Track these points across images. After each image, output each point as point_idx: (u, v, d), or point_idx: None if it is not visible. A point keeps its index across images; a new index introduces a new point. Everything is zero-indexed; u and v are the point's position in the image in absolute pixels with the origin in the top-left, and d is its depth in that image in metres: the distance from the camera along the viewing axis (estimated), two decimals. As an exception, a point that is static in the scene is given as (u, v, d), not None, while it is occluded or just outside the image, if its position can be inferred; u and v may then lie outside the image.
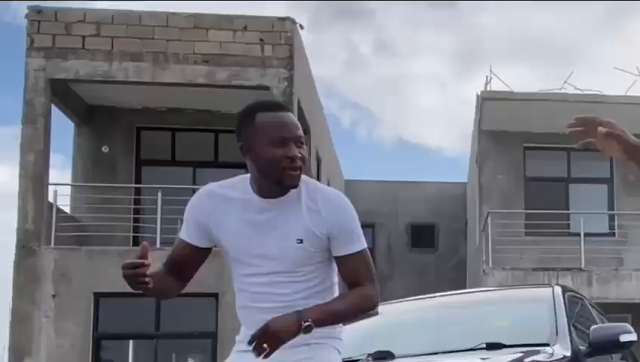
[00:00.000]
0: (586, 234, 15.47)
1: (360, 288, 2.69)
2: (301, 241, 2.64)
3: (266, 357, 2.48)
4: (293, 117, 2.62)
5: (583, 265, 15.38)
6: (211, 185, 2.71)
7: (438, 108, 51.53)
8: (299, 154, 2.56)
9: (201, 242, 2.71)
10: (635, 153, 2.50)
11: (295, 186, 2.59)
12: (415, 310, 5.33)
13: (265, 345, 2.47)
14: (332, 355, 2.72)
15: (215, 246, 2.75)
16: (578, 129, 2.49)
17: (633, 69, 17.39)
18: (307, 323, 2.50)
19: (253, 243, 2.64)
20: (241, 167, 18.30)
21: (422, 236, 24.11)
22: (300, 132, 2.59)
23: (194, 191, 14.50)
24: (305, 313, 2.53)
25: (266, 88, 13.60)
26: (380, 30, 55.35)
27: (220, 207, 2.66)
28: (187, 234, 2.71)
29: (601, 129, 2.43)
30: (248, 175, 2.67)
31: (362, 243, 2.70)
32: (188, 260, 2.74)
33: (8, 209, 27.98)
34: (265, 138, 2.54)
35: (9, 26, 41.61)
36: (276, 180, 2.56)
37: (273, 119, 2.57)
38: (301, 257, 2.66)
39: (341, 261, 2.69)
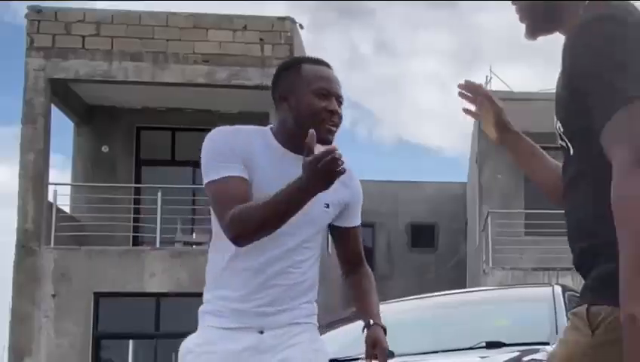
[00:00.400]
0: (586, 234, 15.46)
1: (368, 272, 2.78)
2: (327, 206, 2.58)
3: None
4: (336, 75, 2.59)
5: (582, 265, 15.37)
6: (226, 127, 2.55)
7: (438, 108, 51.54)
8: (339, 110, 2.53)
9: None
10: (507, 137, 2.36)
11: (329, 142, 2.49)
12: (415, 309, 5.34)
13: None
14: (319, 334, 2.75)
15: None
16: (467, 94, 2.35)
17: (633, 68, 17.40)
18: None
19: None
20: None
21: (422, 236, 24.13)
22: (341, 90, 2.56)
23: (194, 191, 14.45)
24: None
25: (266, 88, 13.54)
26: (380, 30, 55.42)
27: (248, 147, 2.50)
28: (238, 170, 2.44)
29: (484, 91, 2.30)
30: (262, 127, 2.58)
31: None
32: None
33: (8, 209, 27.99)
34: (309, 87, 2.50)
35: (9, 25, 41.65)
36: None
37: (320, 72, 2.54)
38: (323, 223, 2.62)
39: (351, 232, 2.70)
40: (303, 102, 2.49)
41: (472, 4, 49.60)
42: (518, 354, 4.10)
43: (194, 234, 14.36)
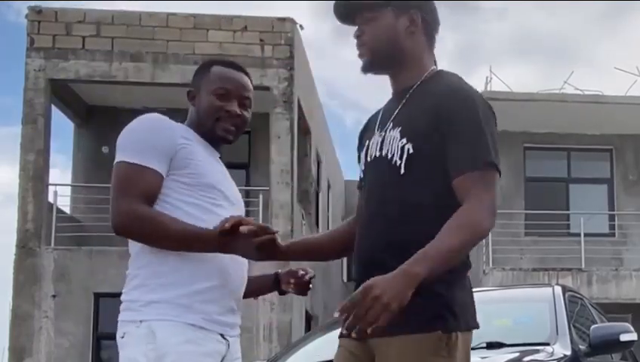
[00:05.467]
0: (586, 235, 15.46)
1: None
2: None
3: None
4: (246, 79, 2.62)
5: (583, 266, 15.37)
6: (165, 118, 2.57)
7: (438, 108, 51.37)
8: (238, 112, 2.55)
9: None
10: (286, 255, 2.52)
11: (226, 140, 2.56)
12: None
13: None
14: None
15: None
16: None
17: (633, 68, 17.41)
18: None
19: (222, 179, 2.55)
20: (242, 167, 18.36)
21: (422, 236, 24.08)
22: (248, 93, 2.59)
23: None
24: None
25: (266, 88, 13.59)
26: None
27: (185, 133, 2.53)
28: (161, 165, 2.42)
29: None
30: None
31: None
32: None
33: (8, 209, 27.96)
34: (211, 86, 2.55)
35: (11, 25, 41.61)
36: (209, 129, 2.54)
37: (226, 74, 2.59)
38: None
39: None
40: (203, 101, 2.56)
41: (471, 4, 49.57)
42: (518, 354, 4.10)
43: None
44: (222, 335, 2.44)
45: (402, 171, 2.20)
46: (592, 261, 15.65)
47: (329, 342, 5.37)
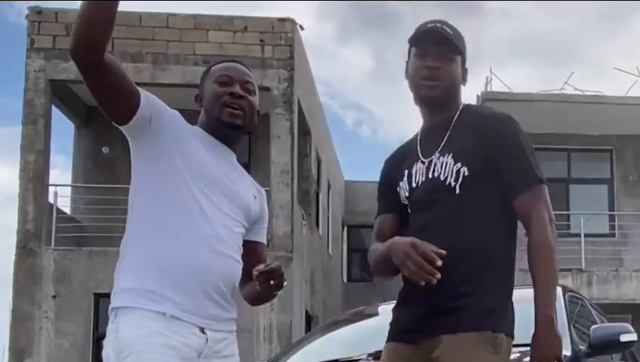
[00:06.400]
0: (586, 235, 15.47)
1: None
2: (255, 198, 2.62)
3: None
4: (244, 67, 2.65)
5: (583, 266, 15.37)
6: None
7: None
8: (242, 92, 2.55)
9: (145, 110, 2.42)
10: None
11: (234, 126, 2.55)
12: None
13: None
14: None
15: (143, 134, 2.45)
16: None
17: (633, 69, 17.41)
18: None
19: (220, 176, 2.50)
20: (243, 167, 18.41)
21: (422, 236, 24.08)
22: (249, 78, 2.61)
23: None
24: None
25: (267, 89, 13.60)
26: (382, 31, 55.37)
27: (187, 127, 2.55)
28: (147, 100, 2.45)
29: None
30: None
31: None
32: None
33: (8, 209, 27.96)
34: (212, 78, 2.59)
35: (13, 25, 41.61)
36: (217, 117, 2.54)
37: (225, 65, 2.64)
38: (253, 213, 2.60)
39: (254, 245, 2.64)
40: (207, 94, 2.58)
41: (471, 5, 49.58)
42: (518, 354, 4.09)
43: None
44: (202, 329, 2.37)
45: (457, 191, 2.52)
46: (592, 261, 15.65)
47: (329, 342, 5.38)
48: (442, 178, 2.53)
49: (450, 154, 2.54)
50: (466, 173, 2.50)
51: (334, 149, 21.79)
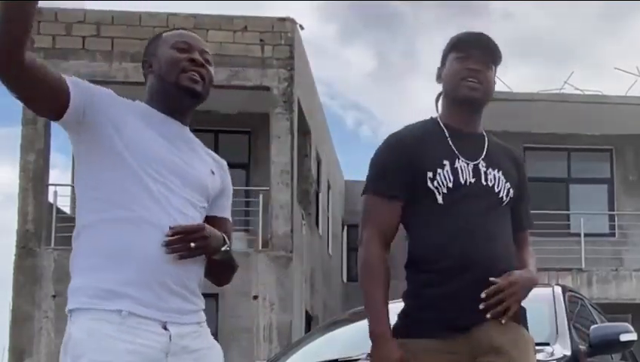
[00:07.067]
0: (586, 235, 15.47)
1: None
2: (213, 173, 2.46)
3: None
4: (201, 38, 2.52)
5: (583, 266, 15.37)
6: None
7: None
8: (202, 60, 2.41)
9: (77, 100, 2.33)
10: None
11: (193, 92, 2.38)
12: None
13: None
14: None
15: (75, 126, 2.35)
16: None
17: (633, 69, 17.41)
18: None
19: (170, 156, 2.33)
20: (242, 167, 18.27)
21: (422, 236, 24.08)
22: (207, 49, 2.47)
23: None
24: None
25: (266, 88, 13.59)
26: (383, 31, 55.40)
27: (124, 105, 2.38)
28: (74, 83, 2.37)
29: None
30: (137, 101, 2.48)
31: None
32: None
33: (8, 209, 27.96)
34: (168, 44, 2.43)
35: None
36: (173, 82, 2.37)
37: (180, 32, 2.51)
38: (211, 191, 2.43)
39: (218, 222, 2.45)
40: (163, 59, 2.41)
41: (471, 5, 49.60)
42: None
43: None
44: (164, 325, 2.24)
45: (503, 205, 2.77)
46: (592, 261, 15.65)
47: (329, 342, 5.38)
48: (496, 190, 2.73)
49: (501, 171, 2.76)
50: (512, 195, 2.77)
51: (334, 149, 21.78)
